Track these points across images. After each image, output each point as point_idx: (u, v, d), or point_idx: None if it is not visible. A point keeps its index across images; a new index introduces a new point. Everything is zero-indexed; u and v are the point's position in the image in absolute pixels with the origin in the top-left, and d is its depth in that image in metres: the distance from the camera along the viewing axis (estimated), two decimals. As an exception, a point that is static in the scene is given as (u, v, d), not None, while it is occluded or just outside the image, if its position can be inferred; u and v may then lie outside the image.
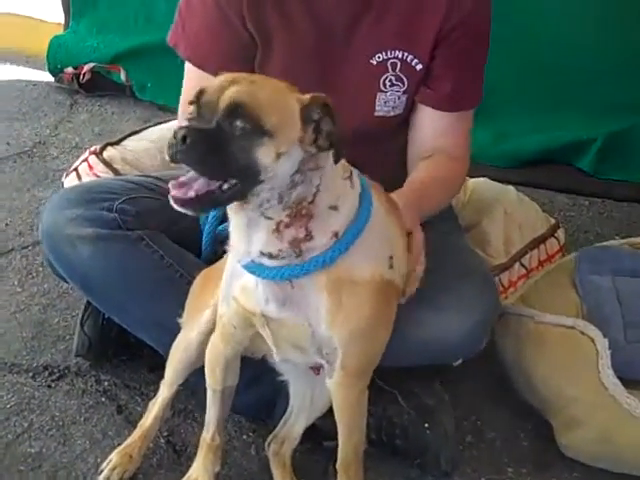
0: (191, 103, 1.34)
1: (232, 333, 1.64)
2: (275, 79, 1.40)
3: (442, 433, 1.91)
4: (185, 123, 1.33)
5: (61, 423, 2.04)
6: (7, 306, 2.48)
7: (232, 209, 1.40)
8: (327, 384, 1.63)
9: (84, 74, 4.13)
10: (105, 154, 2.69)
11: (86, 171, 2.67)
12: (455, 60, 1.93)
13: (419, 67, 1.92)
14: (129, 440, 1.89)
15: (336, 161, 1.35)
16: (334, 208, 1.41)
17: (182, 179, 1.32)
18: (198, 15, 1.97)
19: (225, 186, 1.31)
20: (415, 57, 1.91)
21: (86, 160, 2.71)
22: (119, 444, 1.90)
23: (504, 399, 2.16)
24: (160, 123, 2.99)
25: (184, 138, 1.25)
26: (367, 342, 1.55)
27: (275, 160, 1.29)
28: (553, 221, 2.71)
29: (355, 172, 1.48)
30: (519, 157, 3.41)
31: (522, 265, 2.51)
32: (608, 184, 3.32)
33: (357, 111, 1.90)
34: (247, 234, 1.41)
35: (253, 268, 1.45)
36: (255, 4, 1.88)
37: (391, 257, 1.53)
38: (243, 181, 1.30)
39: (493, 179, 2.84)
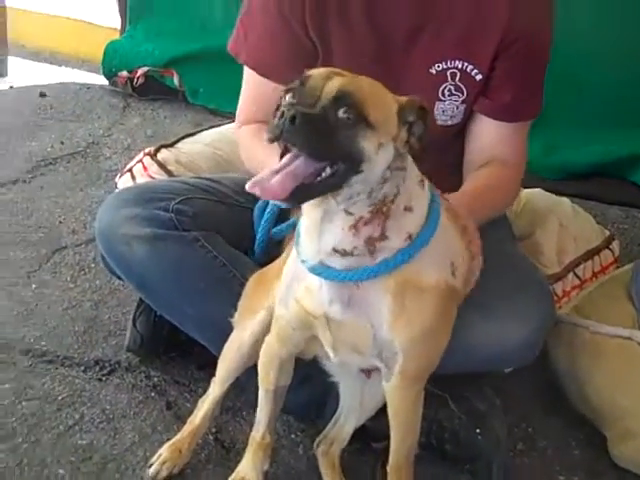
0: (288, 90, 1.35)
1: (290, 335, 1.64)
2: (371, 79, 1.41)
3: (494, 439, 1.89)
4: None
5: (111, 416, 2.05)
6: (60, 301, 2.50)
7: (311, 203, 1.38)
8: (384, 387, 1.62)
9: (138, 78, 4.19)
10: (159, 156, 2.71)
11: (140, 172, 2.70)
12: (515, 71, 1.93)
13: (479, 77, 1.92)
14: (178, 436, 1.90)
15: (419, 157, 1.39)
16: (409, 209, 1.42)
17: (268, 173, 1.31)
18: (260, 23, 1.99)
19: (327, 172, 1.31)
20: (475, 67, 1.91)
21: (140, 161, 2.73)
22: (168, 439, 1.91)
23: (556, 408, 2.14)
24: (214, 127, 3.01)
25: (293, 118, 1.26)
26: (427, 347, 1.55)
27: (377, 151, 1.32)
28: (607, 233, 2.68)
29: (425, 180, 1.49)
30: (570, 169, 3.39)
31: (576, 275, 2.48)
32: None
33: None
34: (320, 230, 1.40)
35: (320, 270, 1.45)
36: (318, 13, 1.89)
37: (453, 264, 1.53)
38: (345, 169, 1.31)
39: (546, 191, 2.81)
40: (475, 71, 1.92)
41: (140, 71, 4.19)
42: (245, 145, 2.11)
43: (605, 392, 1.96)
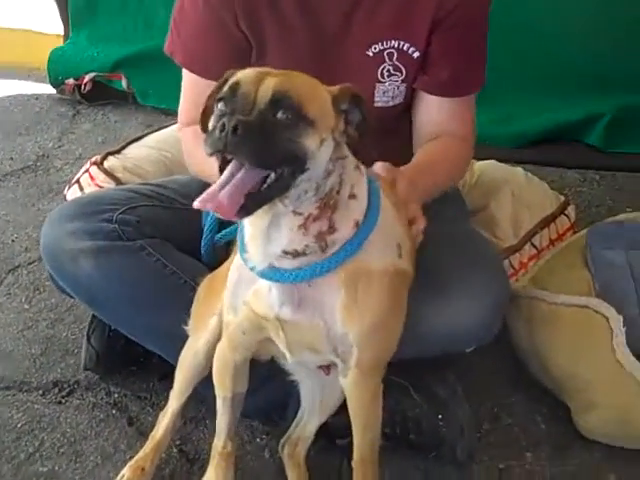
0: (220, 100, 1.31)
1: (240, 340, 1.61)
2: (300, 74, 1.38)
3: (457, 424, 1.88)
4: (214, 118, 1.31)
5: (72, 440, 2.02)
6: (15, 324, 2.46)
7: (281, 205, 1.35)
8: (342, 383, 1.60)
9: (85, 84, 4.10)
10: (106, 164, 2.67)
11: (88, 182, 2.66)
12: (452, 45, 1.90)
13: (416, 55, 1.89)
14: (141, 453, 1.86)
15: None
16: (353, 197, 1.40)
17: (215, 189, 1.27)
18: (191, 20, 1.95)
19: (272, 177, 1.28)
20: (411, 45, 1.88)
21: (87, 171, 2.69)
22: (131, 457, 1.88)
23: (519, 383, 2.13)
24: (160, 129, 2.96)
25: (235, 128, 1.22)
26: (382, 335, 1.52)
27: (319, 147, 1.29)
28: (562, 199, 2.67)
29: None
30: (527, 137, 3.36)
31: (533, 245, 2.46)
32: (619, 157, 3.27)
33: None
34: (266, 236, 1.38)
35: (270, 274, 1.42)
36: (248, 4, 1.86)
37: (399, 245, 1.50)
38: (291, 171, 1.28)
39: (502, 160, 2.81)
40: (412, 49, 1.89)
41: (87, 77, 4.10)
42: (187, 148, 2.08)
43: (565, 363, 1.95)
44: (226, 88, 1.32)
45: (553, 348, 1.98)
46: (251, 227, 1.40)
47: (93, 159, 2.75)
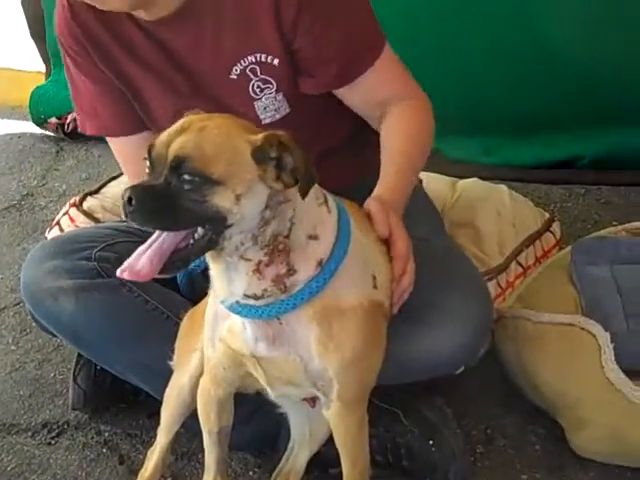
0: (145, 159, 1.33)
1: (222, 375, 1.61)
2: (231, 118, 1.38)
3: (448, 448, 1.86)
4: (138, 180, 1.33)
5: (63, 481, 2.00)
6: (2, 365, 2.45)
7: (210, 256, 1.38)
8: (325, 416, 1.59)
9: (68, 124, 4.11)
10: (85, 205, 2.68)
11: (68, 224, 2.67)
12: (322, 41, 1.82)
13: (276, 62, 1.84)
14: (131, 492, 1.85)
15: (303, 196, 1.31)
16: (314, 237, 1.38)
17: (136, 255, 1.32)
18: (80, 90, 1.99)
19: (198, 233, 1.30)
20: (268, 54, 1.83)
21: (67, 213, 2.70)
22: (122, 496, 1.87)
23: (512, 403, 2.11)
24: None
25: (130, 199, 1.25)
26: (361, 368, 1.51)
27: (236, 202, 1.28)
28: (547, 215, 2.66)
29: (330, 196, 1.45)
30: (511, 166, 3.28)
31: (518, 264, 2.45)
32: (604, 171, 3.21)
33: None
34: (228, 278, 1.38)
35: (239, 309, 1.42)
36: (101, 50, 1.88)
37: (374, 277, 1.49)
38: (212, 228, 1.29)
39: (485, 178, 2.79)
40: (270, 57, 1.84)
41: (70, 116, 4.10)
42: None
43: (554, 382, 1.94)
44: (147, 148, 1.33)
45: (541, 367, 1.97)
46: (212, 268, 1.41)
47: (72, 200, 2.76)
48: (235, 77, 1.86)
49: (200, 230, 1.29)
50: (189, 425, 1.85)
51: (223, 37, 1.83)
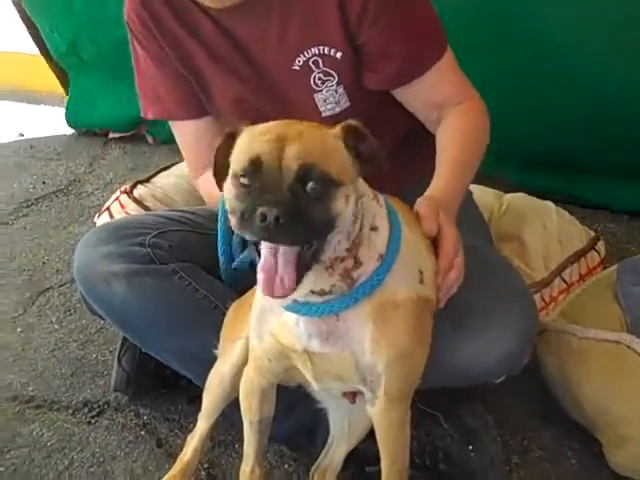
0: (244, 175, 1.29)
1: (267, 367, 1.61)
2: (307, 121, 1.37)
3: (487, 455, 1.86)
4: (241, 190, 1.29)
5: (102, 459, 2.04)
6: (46, 344, 2.49)
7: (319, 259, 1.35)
8: (369, 412, 1.59)
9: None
10: (135, 192, 2.71)
11: (118, 210, 2.70)
12: (385, 34, 1.83)
13: (339, 55, 1.86)
14: (169, 474, 1.86)
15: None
16: (375, 229, 1.40)
17: (267, 275, 1.29)
18: (143, 75, 2.02)
19: (307, 246, 1.29)
20: (331, 47, 1.85)
21: (117, 199, 2.73)
22: (160, 478, 1.88)
23: (550, 417, 2.11)
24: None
25: (277, 219, 1.21)
26: (409, 364, 1.52)
27: (347, 203, 1.30)
28: (593, 234, 2.65)
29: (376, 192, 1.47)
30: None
31: (562, 280, 2.45)
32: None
33: (307, 116, 1.84)
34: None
35: (297, 308, 1.42)
36: (171, 36, 1.91)
37: (421, 271, 1.50)
38: (324, 232, 1.30)
39: (531, 194, 2.79)
40: (333, 50, 1.85)
41: (110, 134, 4.16)
42: (207, 196, 2.12)
43: (596, 399, 1.93)
44: (246, 164, 1.28)
45: (584, 383, 1.96)
46: None
47: (123, 188, 2.79)
48: (298, 68, 1.88)
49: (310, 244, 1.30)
50: (227, 415, 1.87)
51: (289, 28, 1.85)
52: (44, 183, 3.67)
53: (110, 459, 2.04)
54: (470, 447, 1.87)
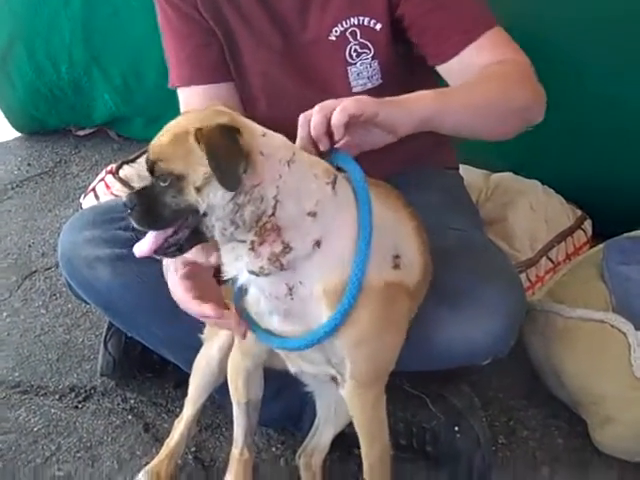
0: None
1: (249, 347, 1.62)
2: (205, 113, 1.38)
3: (474, 437, 1.87)
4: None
5: (89, 444, 2.04)
6: (32, 329, 2.48)
7: (218, 240, 1.40)
8: (342, 394, 1.59)
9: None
10: (121, 173, 2.70)
11: (104, 191, 2.69)
12: (429, 3, 1.80)
13: (379, 27, 1.84)
14: (156, 459, 1.87)
15: (225, 188, 1.31)
16: (312, 214, 1.37)
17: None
18: (170, 39, 1.98)
19: (187, 226, 1.36)
20: (372, 18, 1.84)
21: (103, 180, 2.72)
22: (147, 463, 1.88)
23: (536, 397, 2.12)
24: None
25: (124, 204, 1.37)
26: (375, 348, 1.51)
27: (197, 194, 1.31)
28: (580, 213, 2.66)
29: (341, 176, 1.44)
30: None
31: (549, 259, 2.46)
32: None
33: (334, 92, 1.81)
34: (234, 255, 1.40)
35: (275, 341, 1.50)
36: (209, 4, 1.88)
37: (396, 256, 1.47)
38: (190, 220, 1.35)
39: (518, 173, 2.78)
40: (373, 21, 1.84)
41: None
42: None
43: (580, 378, 1.94)
44: None
45: (569, 362, 1.97)
46: (221, 249, 1.43)
47: (109, 168, 2.78)
48: (334, 38, 1.86)
49: (181, 221, 1.35)
50: (215, 398, 1.87)
51: None
52: (29, 165, 3.65)
53: (97, 444, 2.03)
54: (456, 428, 1.87)
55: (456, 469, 1.89)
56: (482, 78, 1.73)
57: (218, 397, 1.89)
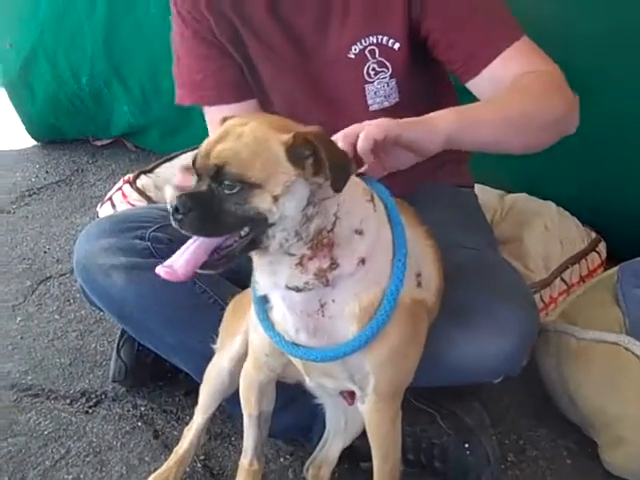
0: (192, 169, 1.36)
1: (264, 361, 1.63)
2: (268, 120, 1.38)
3: (483, 454, 1.86)
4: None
5: (98, 449, 2.04)
6: (45, 333, 2.49)
7: (255, 253, 1.39)
8: (360, 409, 1.60)
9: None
10: (138, 182, 2.72)
11: (120, 200, 2.70)
12: (453, 19, 1.80)
13: (397, 46, 1.85)
14: (165, 466, 1.88)
15: (335, 190, 1.30)
16: (359, 232, 1.39)
17: (177, 255, 1.36)
18: (182, 62, 1.99)
19: (241, 234, 1.32)
20: (390, 37, 1.84)
21: (120, 189, 2.74)
22: (155, 469, 1.89)
23: (546, 417, 2.12)
24: (194, 148, 2.99)
25: (176, 209, 1.29)
26: (398, 365, 1.52)
27: (273, 203, 1.29)
28: (594, 235, 2.65)
29: (377, 195, 1.46)
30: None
31: (563, 280, 2.46)
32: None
33: (351, 110, 1.87)
34: (271, 270, 1.40)
35: (294, 350, 1.48)
36: (223, 21, 1.89)
37: (419, 274, 1.50)
38: (255, 228, 1.31)
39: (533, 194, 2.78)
40: (392, 41, 1.84)
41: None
42: None
43: (593, 399, 1.93)
44: (193, 157, 1.35)
45: (582, 383, 1.96)
46: (256, 261, 1.43)
47: (126, 177, 2.80)
48: (353, 56, 1.87)
49: (245, 229, 1.31)
50: (224, 407, 1.87)
51: (351, 14, 1.84)
52: (47, 172, 3.68)
53: (106, 449, 2.04)
54: (466, 445, 1.87)
55: (465, 486, 1.89)
56: (512, 90, 1.73)
57: (228, 407, 1.90)
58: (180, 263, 1.33)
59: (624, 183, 2.61)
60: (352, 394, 1.68)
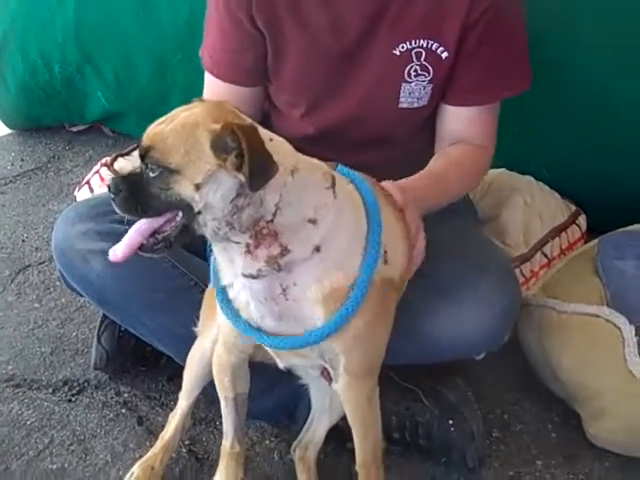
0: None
1: (233, 342, 1.62)
2: (215, 108, 1.37)
3: (467, 430, 1.87)
4: None
5: (82, 437, 2.03)
6: (25, 322, 2.47)
7: (209, 239, 1.39)
8: (335, 389, 1.60)
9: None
10: (116, 165, 2.69)
11: (98, 183, 2.67)
12: (479, 52, 1.84)
13: (445, 55, 1.84)
14: (150, 452, 1.87)
15: (252, 190, 1.29)
16: (312, 221, 1.37)
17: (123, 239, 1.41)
18: (214, 23, 1.95)
19: (176, 220, 1.34)
20: (441, 45, 1.83)
21: (97, 172, 2.70)
22: (141, 456, 1.89)
23: (530, 391, 2.13)
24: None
25: (108, 188, 1.37)
26: (368, 343, 1.52)
27: (196, 191, 1.29)
28: (574, 208, 2.65)
29: (341, 178, 1.46)
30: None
31: (543, 254, 2.46)
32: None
33: (380, 103, 1.87)
34: (228, 258, 1.40)
35: (260, 338, 1.49)
36: (267, 10, 1.84)
37: (385, 252, 1.48)
38: (185, 215, 1.33)
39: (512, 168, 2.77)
40: (441, 49, 1.83)
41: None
42: None
43: (575, 372, 1.94)
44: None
45: (564, 356, 1.97)
46: (215, 250, 1.44)
47: (103, 160, 2.76)
48: (398, 53, 1.84)
49: (178, 218, 1.34)
50: (208, 391, 1.87)
51: (407, 14, 1.82)
52: (22, 160, 3.62)
53: (90, 437, 2.02)
54: (450, 422, 1.88)
55: (449, 462, 1.89)
56: (451, 164, 1.88)
57: (212, 390, 1.88)
58: (120, 246, 1.40)
59: (603, 156, 2.61)
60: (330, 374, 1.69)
